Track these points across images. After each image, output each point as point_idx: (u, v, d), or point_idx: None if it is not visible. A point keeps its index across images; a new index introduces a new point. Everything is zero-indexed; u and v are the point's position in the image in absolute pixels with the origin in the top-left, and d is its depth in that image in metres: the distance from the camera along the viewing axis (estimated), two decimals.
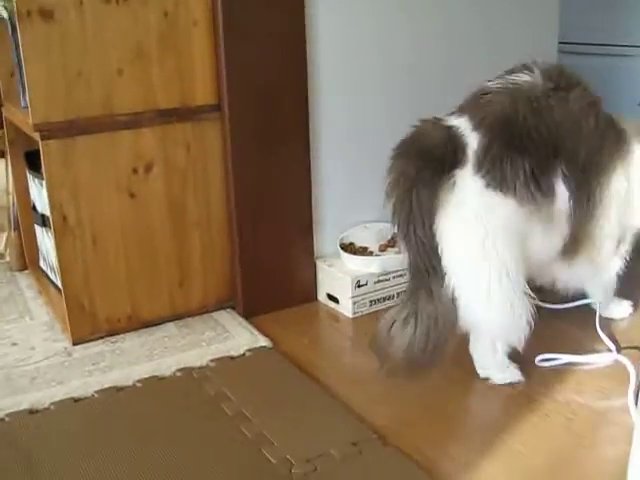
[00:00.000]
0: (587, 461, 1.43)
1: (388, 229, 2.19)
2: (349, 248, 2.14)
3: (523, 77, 1.56)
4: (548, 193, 1.52)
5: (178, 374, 1.78)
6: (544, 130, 1.51)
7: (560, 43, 2.53)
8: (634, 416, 1.46)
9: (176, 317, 2.04)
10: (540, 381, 1.69)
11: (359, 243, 2.17)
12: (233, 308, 2.10)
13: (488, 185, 1.49)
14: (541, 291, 1.79)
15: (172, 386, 1.74)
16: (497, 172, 1.48)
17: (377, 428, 1.55)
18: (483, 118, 1.52)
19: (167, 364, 1.82)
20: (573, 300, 1.98)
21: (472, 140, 1.51)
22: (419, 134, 1.55)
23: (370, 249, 2.16)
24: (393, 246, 2.17)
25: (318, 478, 1.39)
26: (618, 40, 3.26)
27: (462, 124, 1.54)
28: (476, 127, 1.52)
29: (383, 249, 2.16)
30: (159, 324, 2.01)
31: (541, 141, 1.51)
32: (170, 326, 2.01)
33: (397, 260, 2.05)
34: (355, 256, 2.09)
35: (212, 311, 2.08)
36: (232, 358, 1.85)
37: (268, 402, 1.67)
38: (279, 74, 1.98)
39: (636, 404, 1.43)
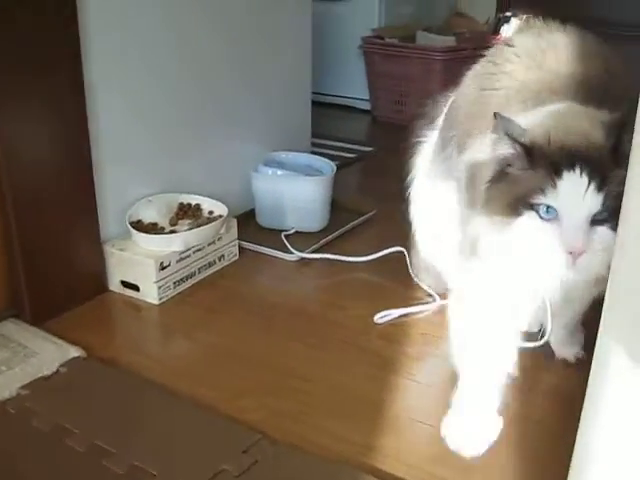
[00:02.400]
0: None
1: (174, 200, 2.01)
2: (137, 226, 1.91)
3: None
4: None
5: None
6: None
7: None
8: None
9: None
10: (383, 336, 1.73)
11: (147, 219, 1.95)
12: (17, 317, 1.77)
13: None
14: None
15: None
16: None
17: (253, 424, 1.42)
18: None
19: None
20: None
21: None
22: None
23: (160, 225, 1.95)
24: (183, 218, 1.98)
25: None
26: None
27: None
28: None
29: (174, 223, 1.97)
30: None
31: None
32: None
33: (198, 235, 1.89)
34: (155, 235, 1.87)
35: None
36: (46, 379, 1.57)
37: (119, 424, 1.44)
38: None
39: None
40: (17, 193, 1.66)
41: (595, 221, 1.09)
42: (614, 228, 1.03)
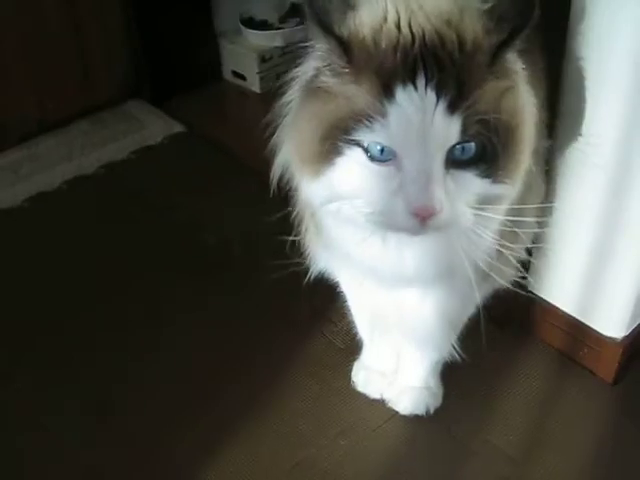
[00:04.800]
0: None
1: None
2: (249, 23, 2.10)
3: None
4: None
5: (102, 170, 1.79)
6: None
7: None
8: None
9: (86, 113, 1.98)
10: None
11: (259, 17, 2.13)
12: (141, 97, 2.06)
13: None
14: None
15: (98, 184, 1.76)
16: None
17: None
18: None
19: (89, 162, 1.81)
20: None
21: None
22: None
23: (270, 22, 2.12)
24: (294, 16, 2.14)
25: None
26: None
27: None
28: None
29: (284, 21, 2.13)
30: (70, 123, 1.95)
31: None
32: (82, 123, 1.96)
33: (300, 32, 2.04)
34: (258, 31, 2.06)
35: (121, 102, 2.03)
36: (150, 148, 1.87)
37: (197, 187, 1.71)
38: None
39: None
40: None
41: (456, 163, 0.74)
42: (485, 175, 0.76)
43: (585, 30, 1.00)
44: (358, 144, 0.74)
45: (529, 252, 1.12)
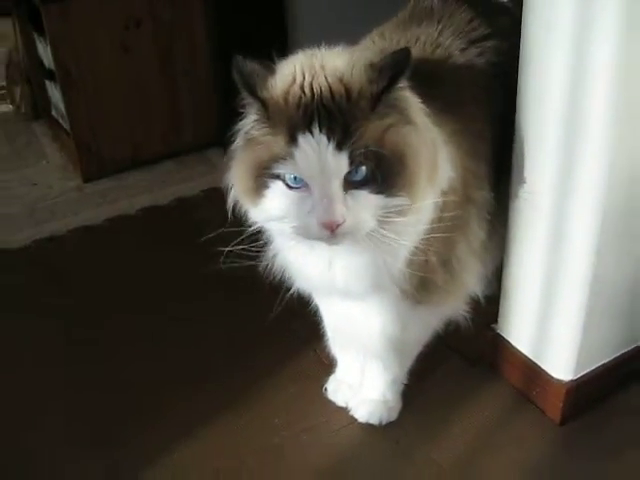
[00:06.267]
0: None
1: None
2: None
3: None
4: None
5: (174, 203, 2.11)
6: None
7: None
8: None
9: (172, 155, 2.34)
10: None
11: None
12: (221, 145, 2.38)
13: None
14: None
15: (169, 213, 2.08)
16: None
17: None
18: None
19: (165, 195, 2.15)
20: None
21: None
22: None
23: None
24: None
25: None
26: None
27: None
28: None
29: None
30: (158, 162, 2.31)
31: None
32: (168, 163, 2.32)
33: None
34: None
35: (204, 149, 2.37)
36: (216, 189, 2.16)
37: None
38: None
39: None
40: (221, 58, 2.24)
41: (353, 184, 0.97)
42: (379, 191, 0.97)
43: (523, 99, 1.21)
44: (278, 177, 0.98)
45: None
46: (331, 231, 0.97)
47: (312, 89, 0.97)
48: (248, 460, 1.36)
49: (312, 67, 1.00)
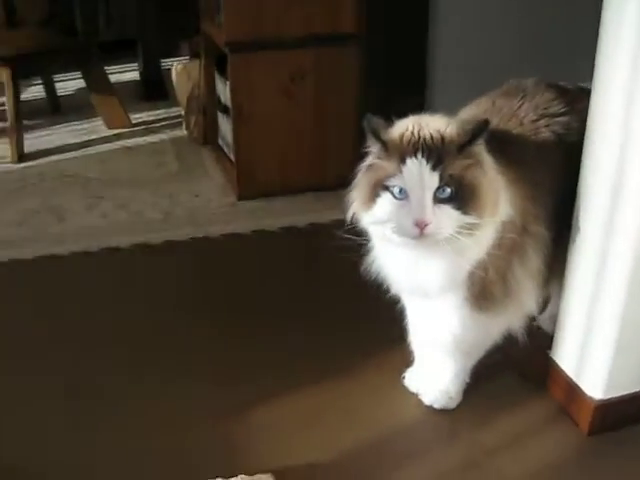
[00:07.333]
0: None
1: None
2: None
3: None
4: None
5: (310, 227, 2.53)
6: None
7: None
8: None
9: (315, 189, 2.76)
10: None
11: None
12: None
13: None
14: None
15: (304, 234, 2.52)
16: None
17: None
18: None
19: (302, 219, 2.58)
20: None
21: None
22: None
23: None
24: None
25: None
26: None
27: None
28: None
29: None
30: (301, 192, 2.75)
31: None
32: (309, 195, 2.75)
33: None
34: None
35: (340, 188, 2.75)
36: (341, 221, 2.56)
37: None
38: None
39: None
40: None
41: (440, 199, 1.32)
42: (457, 208, 1.32)
43: (584, 168, 1.53)
44: (387, 189, 1.35)
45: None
46: (420, 230, 1.32)
47: (419, 134, 1.36)
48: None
49: (419, 124, 1.38)
